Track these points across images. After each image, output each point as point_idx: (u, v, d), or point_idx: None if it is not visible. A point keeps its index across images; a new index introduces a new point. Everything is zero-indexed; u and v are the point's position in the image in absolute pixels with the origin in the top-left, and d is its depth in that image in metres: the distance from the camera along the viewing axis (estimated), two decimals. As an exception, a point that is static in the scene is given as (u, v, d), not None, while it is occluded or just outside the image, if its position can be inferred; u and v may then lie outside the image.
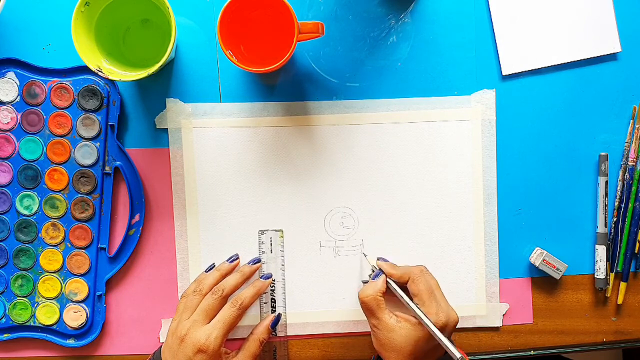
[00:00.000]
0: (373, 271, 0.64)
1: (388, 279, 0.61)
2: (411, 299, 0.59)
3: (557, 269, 0.67)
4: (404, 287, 0.61)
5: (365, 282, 0.66)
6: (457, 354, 0.54)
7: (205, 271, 0.65)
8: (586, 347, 0.70)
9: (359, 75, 0.67)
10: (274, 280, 0.67)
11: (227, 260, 0.66)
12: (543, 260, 0.67)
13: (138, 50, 0.65)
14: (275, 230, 0.67)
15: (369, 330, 0.67)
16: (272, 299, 0.67)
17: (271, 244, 0.67)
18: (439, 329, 0.56)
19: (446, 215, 0.68)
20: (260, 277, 0.66)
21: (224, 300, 0.62)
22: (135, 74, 0.59)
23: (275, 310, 0.67)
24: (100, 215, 0.67)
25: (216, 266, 0.66)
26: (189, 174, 0.67)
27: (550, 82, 0.68)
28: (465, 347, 0.69)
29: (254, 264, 0.66)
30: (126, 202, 0.67)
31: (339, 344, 0.69)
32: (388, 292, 0.61)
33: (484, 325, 0.68)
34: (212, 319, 0.61)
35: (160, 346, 0.62)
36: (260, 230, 0.67)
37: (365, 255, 0.67)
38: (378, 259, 0.65)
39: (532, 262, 0.67)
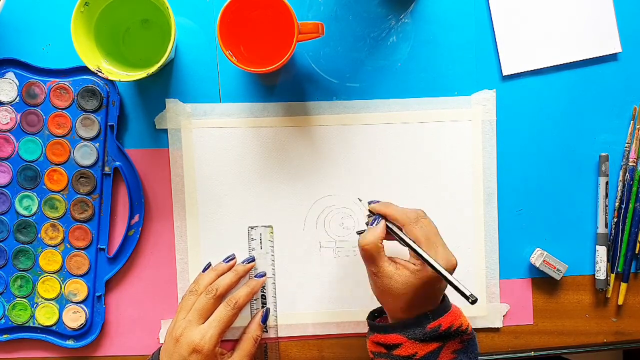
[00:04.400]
0: (369, 217, 0.61)
1: (388, 224, 0.59)
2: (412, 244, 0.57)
3: (558, 270, 0.67)
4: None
5: (360, 232, 0.61)
6: (468, 291, 0.53)
7: (202, 271, 0.65)
8: (587, 347, 0.70)
9: (359, 75, 0.67)
10: (266, 275, 0.67)
11: (224, 261, 0.66)
12: (543, 261, 0.67)
13: (138, 51, 0.65)
14: (265, 226, 0.67)
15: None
16: (262, 295, 0.67)
17: (261, 240, 0.67)
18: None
19: (446, 216, 0.68)
20: (254, 276, 0.66)
21: (219, 299, 0.62)
22: (135, 74, 0.59)
23: (265, 306, 0.67)
24: (100, 215, 0.67)
25: (212, 266, 0.66)
26: (189, 175, 0.67)
27: (551, 82, 0.68)
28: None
29: (248, 263, 0.66)
30: (126, 203, 0.67)
31: (338, 345, 0.69)
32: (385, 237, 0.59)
33: (485, 326, 0.68)
34: (207, 319, 0.61)
35: (159, 347, 0.62)
36: (249, 226, 0.67)
37: (360, 200, 0.65)
38: (370, 203, 0.61)
39: (533, 263, 0.67)
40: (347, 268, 0.68)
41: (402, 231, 0.58)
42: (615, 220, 0.69)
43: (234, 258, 0.66)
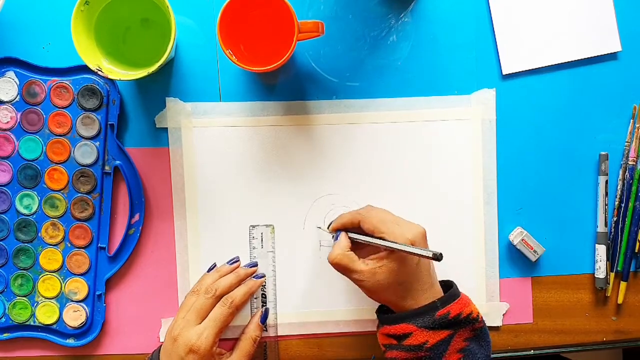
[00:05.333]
0: (333, 237, 0.64)
1: (348, 234, 0.62)
2: (372, 236, 0.59)
3: (534, 251, 0.67)
4: (363, 232, 0.61)
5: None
6: (430, 253, 0.55)
7: (207, 271, 0.65)
8: (586, 346, 0.70)
9: (359, 74, 0.67)
10: (263, 275, 0.67)
11: (228, 262, 0.66)
12: (522, 240, 0.66)
13: (138, 50, 0.65)
14: (266, 225, 0.67)
15: (369, 329, 0.68)
16: (262, 294, 0.67)
17: (262, 239, 0.67)
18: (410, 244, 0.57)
19: (446, 215, 0.68)
20: (253, 276, 0.66)
21: (217, 300, 0.62)
22: (135, 73, 0.59)
23: (265, 305, 0.67)
24: (100, 214, 0.67)
25: (216, 267, 0.66)
26: (189, 173, 0.67)
27: (550, 81, 0.68)
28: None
29: (250, 267, 0.66)
30: (126, 202, 0.67)
31: (338, 343, 0.69)
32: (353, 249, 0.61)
33: (484, 324, 0.68)
34: (205, 319, 0.61)
35: (159, 346, 0.63)
36: (251, 225, 0.67)
37: (320, 227, 0.67)
38: (328, 226, 0.65)
39: (511, 241, 0.67)
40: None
41: (360, 234, 0.61)
42: (615, 219, 0.69)
43: (238, 261, 0.66)
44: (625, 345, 0.71)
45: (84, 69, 0.65)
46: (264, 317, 0.66)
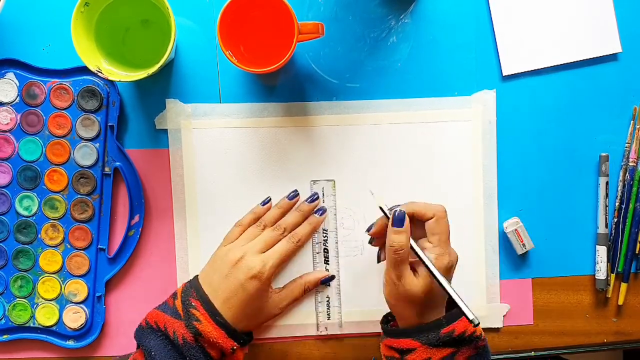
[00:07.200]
0: (388, 216, 0.58)
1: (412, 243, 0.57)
2: (430, 261, 0.57)
3: (523, 244, 0.66)
4: (420, 224, 0.59)
5: (369, 229, 0.62)
6: (471, 316, 0.55)
7: (261, 204, 0.66)
8: (587, 348, 0.70)
9: (359, 75, 0.67)
10: (325, 230, 0.67)
11: (287, 197, 0.66)
12: (515, 230, 0.66)
13: (138, 51, 0.65)
14: (327, 180, 0.67)
15: (369, 331, 0.68)
16: (324, 249, 0.67)
17: (323, 194, 0.67)
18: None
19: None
20: (315, 213, 0.67)
21: (283, 236, 0.64)
22: (135, 74, 0.59)
23: (328, 262, 0.67)
24: (100, 216, 0.67)
25: (277, 203, 0.66)
26: (189, 175, 0.67)
27: (551, 82, 0.68)
28: (466, 348, 0.69)
29: (312, 201, 0.66)
30: (126, 203, 0.67)
31: (338, 345, 0.68)
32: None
33: (485, 326, 0.68)
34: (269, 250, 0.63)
35: (194, 277, 0.63)
36: (312, 180, 0.67)
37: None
38: (391, 209, 0.59)
39: (505, 227, 0.67)
40: (346, 268, 0.68)
41: (419, 247, 0.58)
42: (616, 220, 0.69)
43: (298, 194, 0.67)
44: (625, 347, 0.71)
45: (84, 70, 0.65)
46: (326, 280, 0.67)
